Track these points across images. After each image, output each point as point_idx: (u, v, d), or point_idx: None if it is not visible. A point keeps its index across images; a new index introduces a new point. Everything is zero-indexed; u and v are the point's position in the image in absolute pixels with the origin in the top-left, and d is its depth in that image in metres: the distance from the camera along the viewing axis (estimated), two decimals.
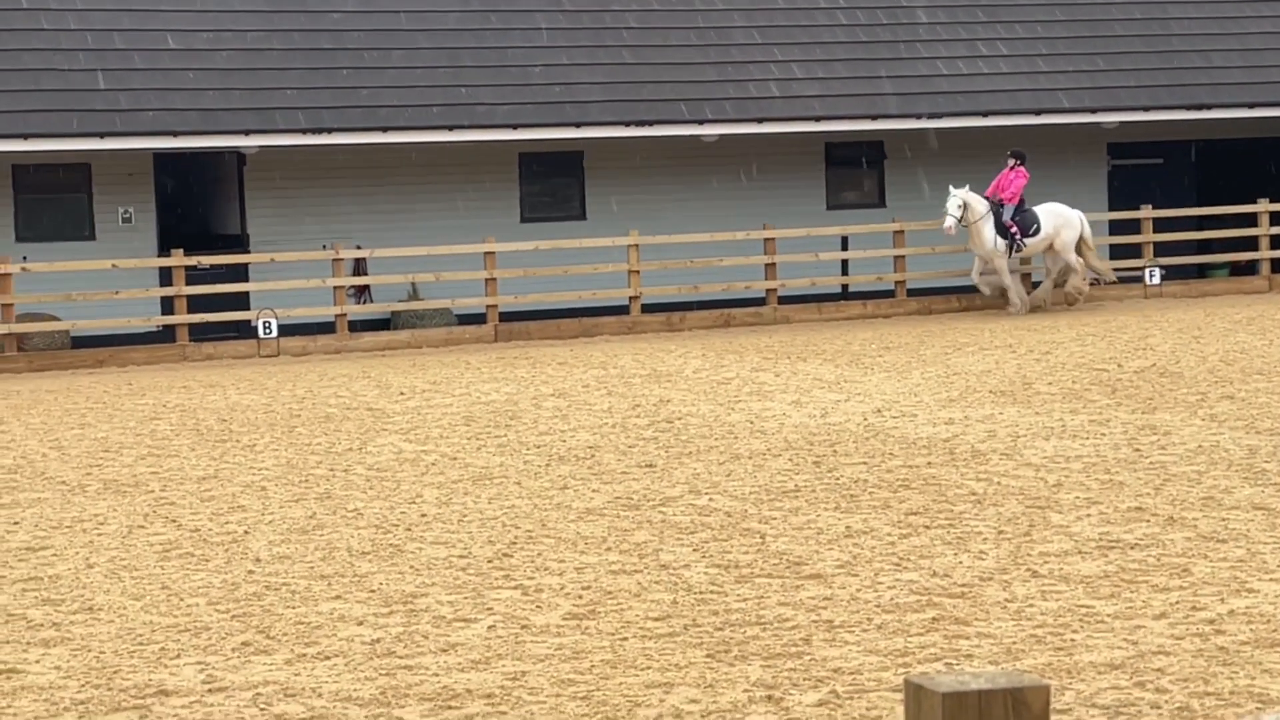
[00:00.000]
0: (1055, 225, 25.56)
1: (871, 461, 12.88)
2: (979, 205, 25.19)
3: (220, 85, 24.53)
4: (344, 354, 23.66)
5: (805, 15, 28.01)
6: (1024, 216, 25.45)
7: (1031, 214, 25.54)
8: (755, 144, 27.48)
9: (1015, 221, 25.33)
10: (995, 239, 25.22)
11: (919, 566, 9.43)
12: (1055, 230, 25.57)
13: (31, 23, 24.36)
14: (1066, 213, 25.81)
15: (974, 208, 25.14)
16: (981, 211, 25.16)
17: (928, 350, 20.83)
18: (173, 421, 16.55)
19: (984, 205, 25.21)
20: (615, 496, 11.82)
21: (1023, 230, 25.37)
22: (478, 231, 25.70)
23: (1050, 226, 25.53)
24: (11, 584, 9.76)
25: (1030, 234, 25.42)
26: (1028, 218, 25.47)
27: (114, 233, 24.98)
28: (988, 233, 25.20)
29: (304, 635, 8.41)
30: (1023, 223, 25.41)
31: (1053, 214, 25.70)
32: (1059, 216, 25.69)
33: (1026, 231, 25.39)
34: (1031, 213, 25.55)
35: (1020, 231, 25.34)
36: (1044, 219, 25.54)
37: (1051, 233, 25.56)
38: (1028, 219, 25.47)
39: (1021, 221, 25.40)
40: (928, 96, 27.53)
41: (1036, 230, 25.47)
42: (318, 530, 11.01)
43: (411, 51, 25.73)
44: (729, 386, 17.89)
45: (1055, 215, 25.69)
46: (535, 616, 8.63)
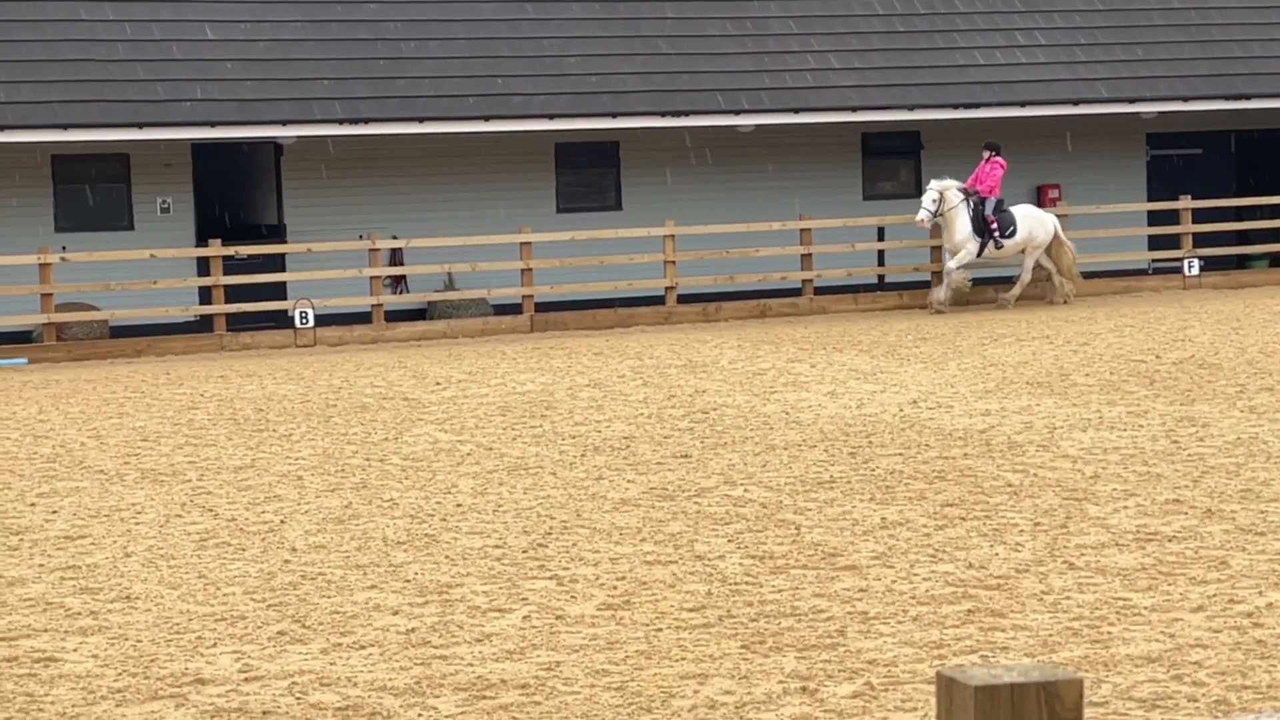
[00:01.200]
0: (1030, 228, 25.24)
1: (907, 453, 12.85)
2: (954, 196, 24.89)
3: (258, 76, 24.60)
4: (380, 344, 23.72)
5: (842, 5, 27.93)
6: (1002, 217, 25.14)
7: (1009, 215, 25.24)
8: (791, 134, 27.43)
9: (996, 219, 25.04)
10: (970, 231, 24.89)
11: (955, 558, 9.41)
12: (1030, 233, 25.25)
13: (70, 14, 24.48)
14: (1041, 215, 25.50)
15: (949, 198, 24.85)
16: (955, 201, 24.87)
17: (964, 341, 20.76)
18: (210, 411, 16.62)
19: (959, 196, 24.91)
20: (650, 487, 11.82)
21: (1000, 230, 25.07)
22: (513, 222, 25.73)
23: (1025, 230, 25.20)
24: (50, 572, 9.82)
25: (1007, 235, 25.12)
26: (1005, 218, 25.16)
27: (152, 223, 25.09)
28: (962, 224, 24.87)
29: (339, 625, 8.44)
30: (1001, 223, 25.11)
31: (1028, 217, 25.38)
32: (1033, 219, 25.39)
33: (1004, 232, 25.10)
34: (1009, 213, 25.25)
35: (999, 230, 25.06)
36: (1020, 221, 25.22)
37: (1026, 236, 25.24)
38: (1005, 219, 25.15)
39: (1000, 221, 25.11)
40: (964, 86, 27.42)
41: (1013, 232, 25.15)
42: (353, 520, 11.04)
43: (448, 42, 25.76)
44: (764, 377, 17.86)
45: (1030, 218, 25.38)
46: (570, 607, 8.64)
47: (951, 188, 24.94)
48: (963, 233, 24.93)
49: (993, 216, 25.00)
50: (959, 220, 24.92)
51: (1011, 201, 28.57)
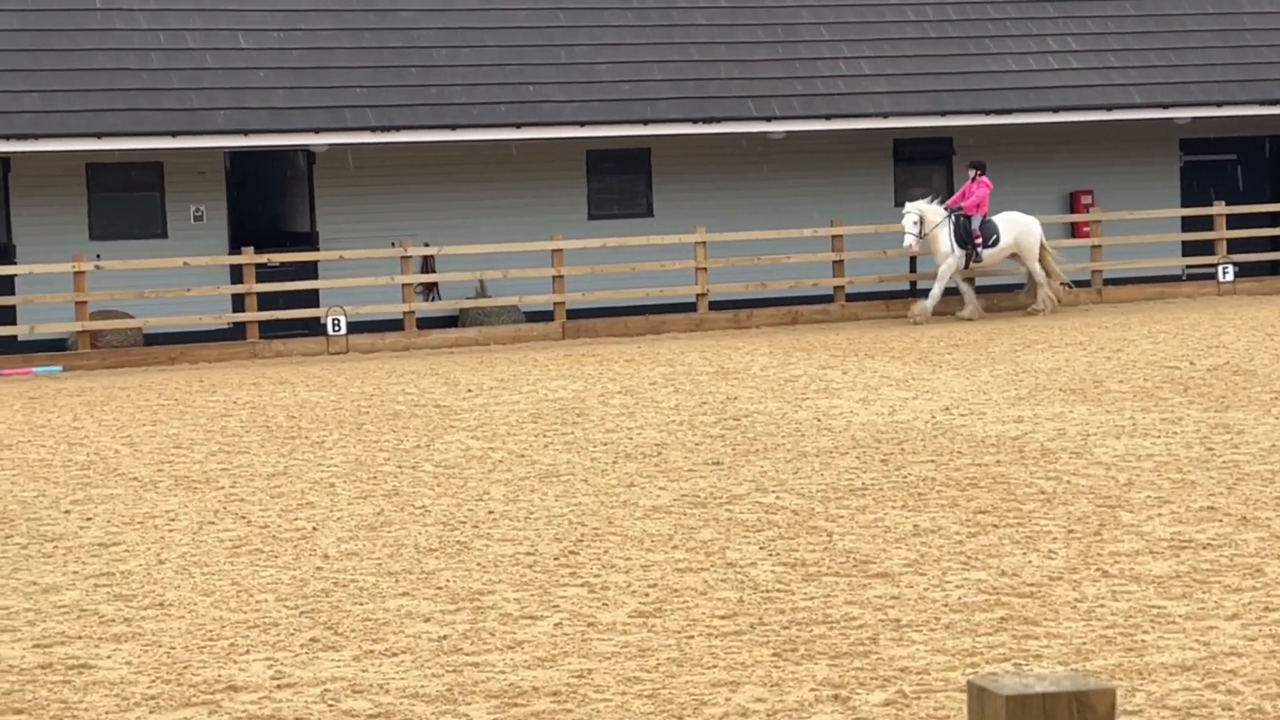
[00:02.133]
0: (1015, 234, 25.02)
1: (939, 460, 12.81)
2: (934, 214, 24.70)
3: (291, 84, 24.70)
4: (412, 351, 23.77)
5: (874, 11, 27.89)
6: (984, 226, 24.97)
7: (991, 224, 25.06)
8: (823, 140, 27.40)
9: (979, 231, 24.87)
10: (952, 245, 24.70)
11: (987, 565, 9.38)
12: (1015, 239, 25.04)
13: (105, 23, 24.60)
14: (1025, 220, 25.25)
15: (929, 218, 24.66)
16: (936, 220, 24.67)
17: (997, 348, 20.70)
18: (243, 418, 16.67)
19: (939, 213, 24.71)
20: (682, 494, 11.82)
21: (985, 241, 24.91)
22: (545, 229, 25.76)
23: (1010, 236, 24.99)
24: (84, 580, 9.87)
25: (990, 244, 24.91)
26: (987, 227, 24.99)
27: (186, 230, 25.20)
28: (943, 238, 24.70)
29: (371, 632, 8.45)
30: (984, 232, 24.94)
31: (1012, 222, 25.16)
32: (1018, 224, 25.15)
33: (986, 242, 24.90)
34: (991, 222, 25.07)
35: (983, 241, 24.87)
36: (1003, 228, 25.01)
37: (1011, 243, 25.02)
38: (987, 229, 24.98)
39: (981, 231, 24.93)
40: (997, 92, 27.36)
41: (996, 240, 24.95)
42: (385, 527, 11.06)
43: (479, 50, 25.81)
44: (796, 384, 17.84)
45: (1014, 223, 25.16)
46: (602, 614, 8.64)
47: (928, 209, 24.63)
48: (945, 247, 24.73)
49: (978, 231, 24.83)
50: (941, 236, 24.72)
51: (1046, 209, 28.51)
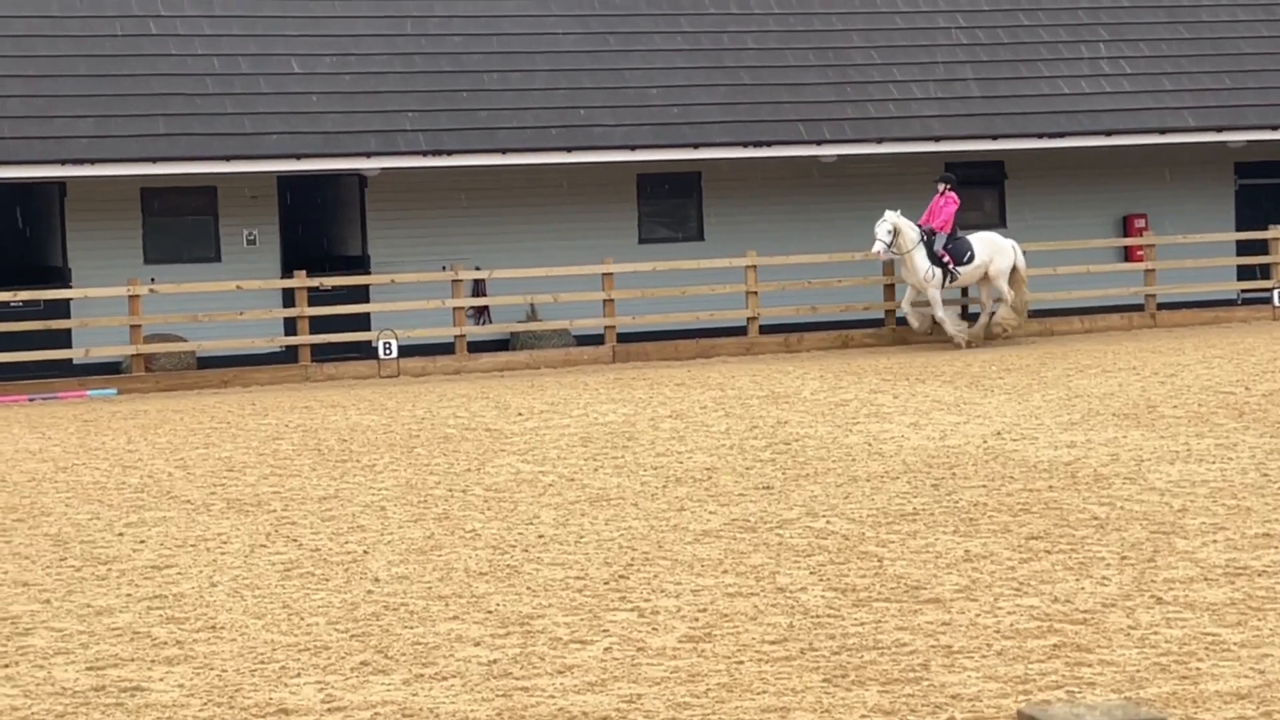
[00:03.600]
0: (989, 253, 24.73)
1: (991, 485, 12.74)
2: (911, 233, 24.38)
3: (343, 108, 24.84)
4: (463, 375, 23.82)
5: (925, 35, 27.84)
6: (956, 244, 24.61)
7: (964, 242, 24.71)
8: (874, 164, 27.34)
9: (948, 250, 24.53)
10: (929, 268, 24.43)
11: (1040, 592, 9.31)
12: (989, 258, 24.73)
13: (160, 48, 24.82)
14: (1000, 241, 24.96)
15: (906, 235, 24.33)
16: (914, 239, 24.37)
17: (1049, 372, 20.59)
18: (294, 441, 16.74)
19: (917, 233, 24.42)
20: (732, 518, 11.79)
21: (955, 259, 24.56)
22: (595, 253, 25.79)
23: (984, 255, 24.70)
24: (137, 602, 9.92)
25: (964, 262, 24.59)
26: (960, 245, 24.64)
27: (239, 254, 25.36)
28: (920, 261, 24.40)
29: (422, 655, 8.46)
30: (955, 251, 24.58)
31: (986, 242, 24.86)
32: (992, 245, 24.85)
33: (960, 260, 24.58)
34: (964, 240, 24.73)
35: (953, 260, 24.55)
36: (977, 247, 24.70)
37: (985, 260, 24.72)
38: (960, 247, 24.63)
39: (954, 249, 24.58)
40: (1049, 116, 27.25)
41: (970, 258, 24.63)
42: (436, 551, 11.08)
43: (530, 74, 25.90)
44: (847, 408, 17.79)
45: (989, 243, 24.86)
46: (651, 639, 8.62)
47: (906, 228, 24.27)
48: (922, 269, 24.43)
49: (944, 250, 24.47)
50: (918, 257, 24.42)
51: (1099, 233, 28.36)
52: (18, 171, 23.51)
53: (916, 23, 27.98)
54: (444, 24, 26.17)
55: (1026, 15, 28.46)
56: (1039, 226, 27.99)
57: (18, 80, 24.01)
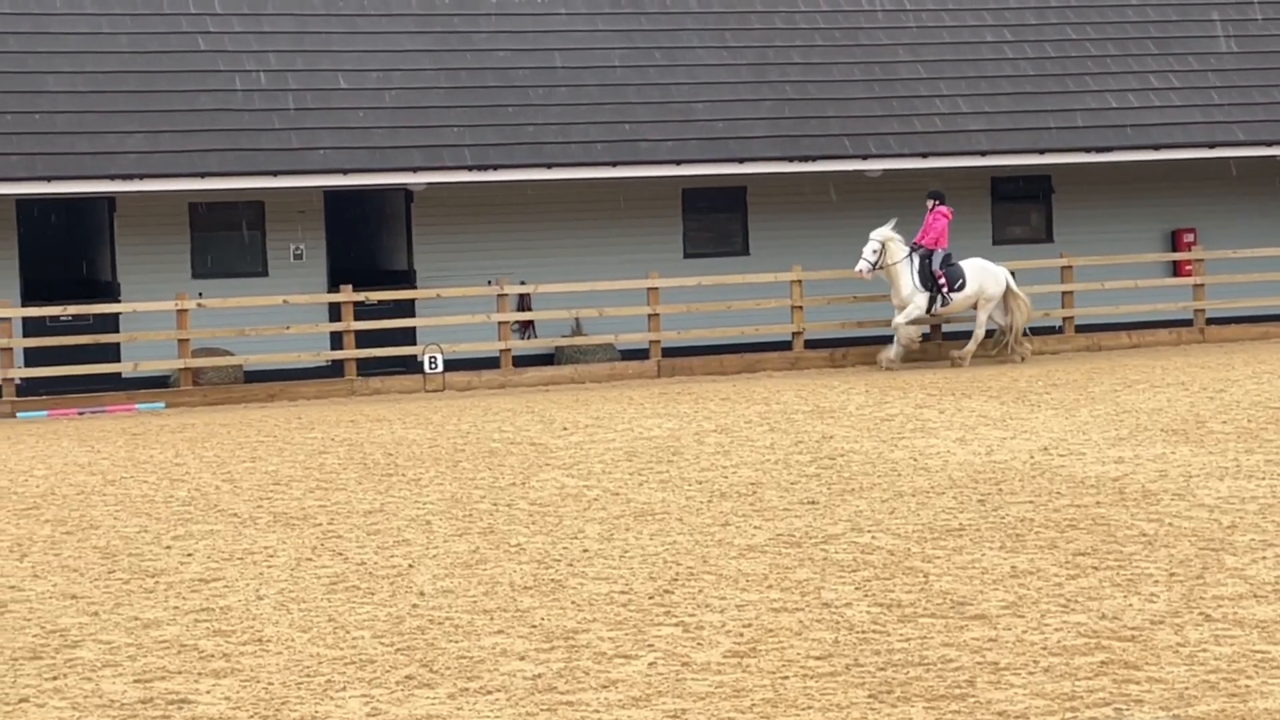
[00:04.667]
0: (980, 282, 24.40)
1: (1038, 500, 12.68)
2: (898, 249, 24.13)
3: (389, 124, 24.95)
4: (508, 389, 23.87)
5: (971, 49, 27.78)
6: (950, 271, 24.31)
7: (958, 268, 24.38)
8: (920, 178, 27.28)
9: (944, 272, 24.23)
10: (916, 285, 24.09)
11: (1087, 608, 9.26)
12: (980, 287, 24.40)
13: (209, 64, 24.99)
14: (992, 268, 24.60)
15: (892, 251, 24.08)
16: (899, 255, 24.11)
17: (1096, 387, 20.48)
18: (340, 455, 16.80)
19: (904, 249, 24.17)
20: (777, 533, 11.77)
21: (949, 284, 24.27)
22: (641, 267, 25.81)
23: (975, 284, 24.36)
24: (184, 615, 9.97)
25: (956, 288, 24.27)
26: (954, 272, 24.32)
27: (285, 269, 25.50)
28: (905, 277, 24.10)
29: (466, 669, 8.47)
30: (949, 276, 24.29)
31: (978, 269, 24.51)
32: (984, 272, 24.50)
33: (952, 286, 24.26)
34: (958, 267, 24.40)
35: (947, 285, 24.24)
36: (969, 274, 24.37)
37: (976, 290, 24.40)
38: (954, 273, 24.32)
39: (948, 275, 24.29)
40: (1096, 130, 27.14)
41: (961, 285, 24.30)
42: (481, 565, 11.10)
43: (576, 89, 25.96)
44: (892, 423, 17.74)
45: (981, 270, 24.50)
46: (696, 654, 8.61)
47: (894, 239, 24.07)
48: (908, 287, 24.13)
49: (940, 271, 24.17)
50: (903, 275, 24.13)
51: (1148, 248, 28.21)
52: (68, 186, 23.71)
53: (963, 37, 27.92)
54: (490, 39, 26.27)
55: (1074, 29, 28.36)
56: (1087, 241, 27.86)
57: (69, 96, 24.21)
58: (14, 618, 10.03)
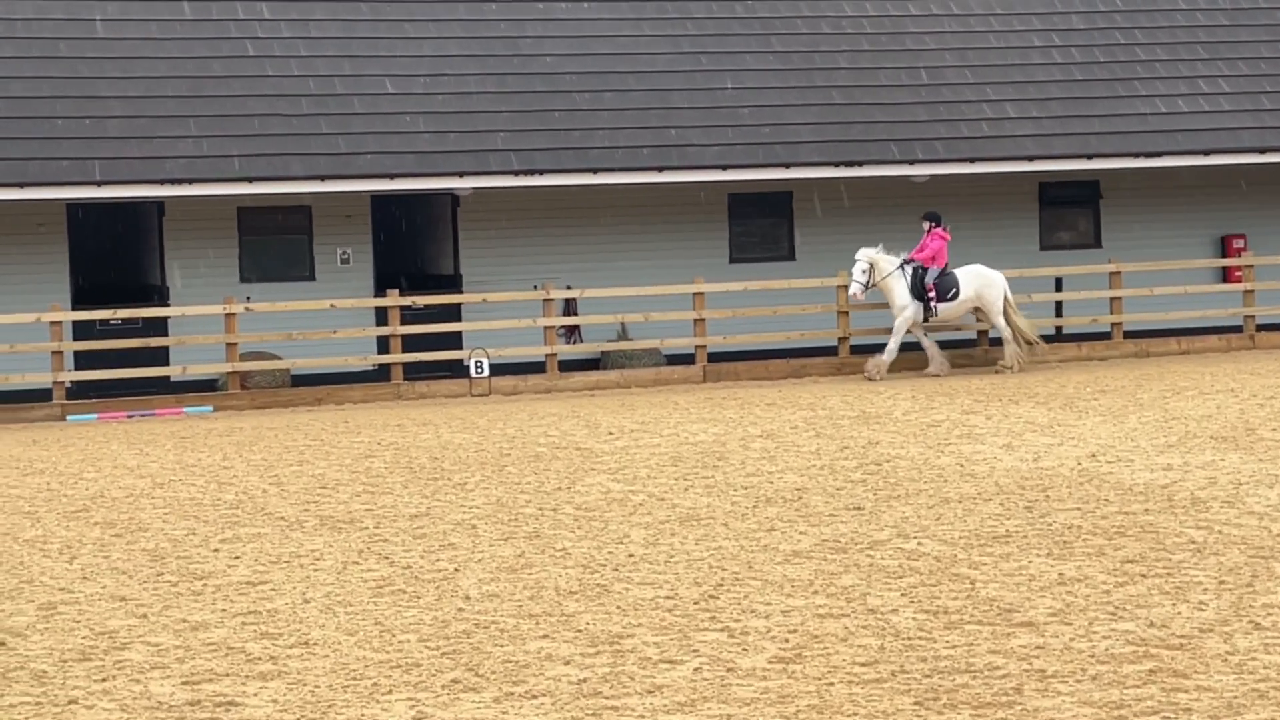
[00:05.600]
0: (976, 288, 24.13)
1: (1086, 507, 12.62)
2: (886, 264, 23.91)
3: (436, 128, 25.03)
4: (554, 393, 23.90)
5: (1019, 54, 27.67)
6: (943, 280, 24.09)
7: (951, 277, 24.15)
8: (967, 184, 27.19)
9: (935, 285, 24.00)
10: (908, 298, 23.90)
11: (1135, 616, 9.21)
12: (976, 293, 24.15)
13: (257, 69, 25.13)
14: (988, 274, 24.30)
15: (881, 267, 23.88)
16: (888, 269, 23.88)
17: (1145, 394, 20.36)
18: (387, 459, 16.86)
19: (892, 263, 23.94)
20: (822, 539, 11.75)
21: (940, 294, 24.02)
22: (686, 272, 25.81)
23: (970, 289, 24.12)
24: (232, 617, 10.01)
25: (948, 298, 24.00)
26: (947, 281, 24.10)
27: (332, 273, 25.60)
28: (898, 289, 23.91)
29: (512, 674, 8.48)
30: (941, 286, 24.05)
31: (973, 276, 24.25)
32: (980, 278, 24.22)
33: (943, 296, 24.01)
34: (951, 275, 24.17)
35: (937, 296, 23.99)
36: (963, 281, 24.13)
37: (973, 295, 24.14)
38: (947, 282, 24.09)
39: (940, 285, 24.05)
40: (1145, 135, 26.98)
41: (954, 294, 24.05)
42: (526, 569, 11.11)
43: (622, 93, 25.98)
44: (939, 429, 17.68)
45: (976, 277, 24.24)
46: (741, 659, 8.60)
47: (880, 256, 23.86)
48: (902, 299, 23.96)
49: (932, 284, 23.96)
50: (896, 287, 23.94)
51: (1197, 254, 28.02)
52: (118, 191, 23.87)
53: (1011, 42, 27.81)
54: (536, 44, 26.32)
55: (1123, 34, 28.22)
56: (1135, 247, 27.71)
57: (119, 101, 24.39)
58: (63, 619, 10.10)
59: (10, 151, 23.61)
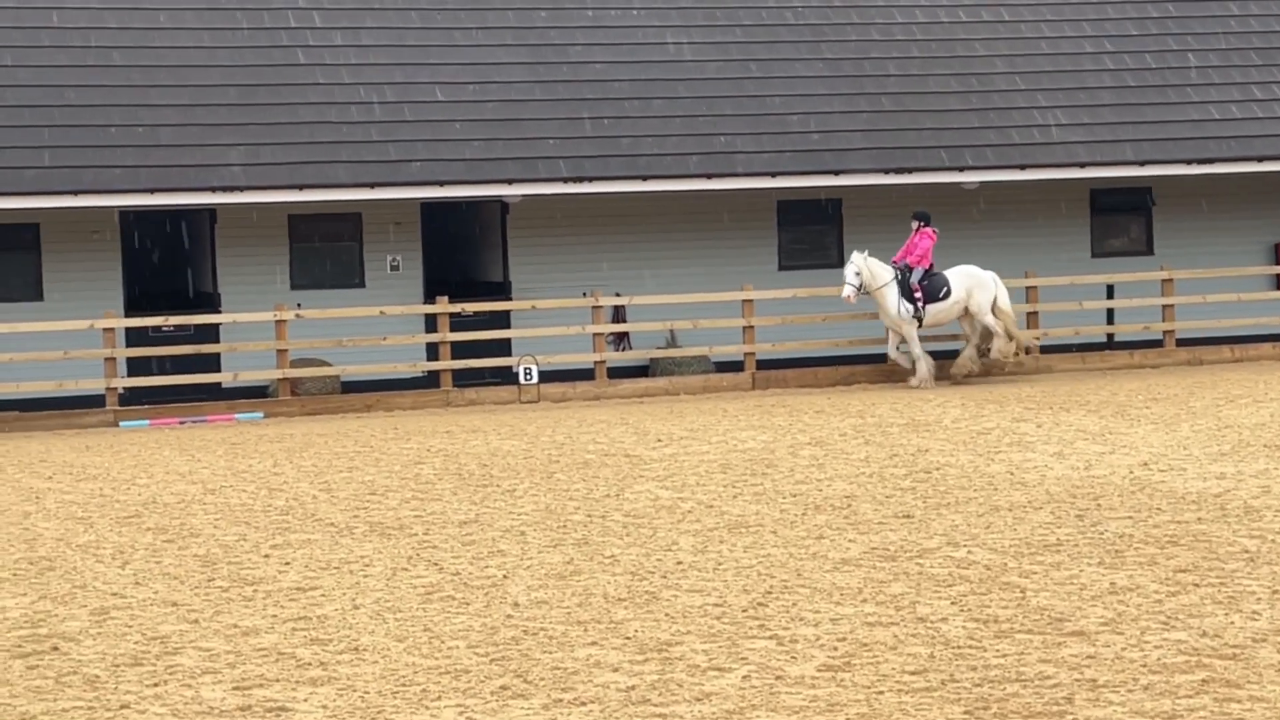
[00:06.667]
0: (967, 288, 23.79)
1: (1138, 516, 12.54)
2: (882, 272, 23.59)
3: (485, 136, 25.10)
4: (603, 400, 23.92)
5: (1070, 60, 27.54)
6: (932, 281, 23.76)
7: (941, 278, 23.81)
8: (1017, 190, 27.08)
9: (922, 285, 23.67)
10: (901, 306, 23.57)
11: (1188, 626, 9.14)
12: (967, 293, 23.80)
13: (308, 77, 25.26)
14: (979, 274, 23.98)
15: (875, 274, 23.55)
16: (885, 278, 23.56)
17: (1198, 402, 20.22)
18: (436, 466, 16.90)
19: (888, 272, 23.61)
20: (871, 547, 11.71)
21: (929, 295, 23.66)
22: (735, 279, 25.79)
23: (961, 290, 23.77)
24: (282, 623, 10.06)
25: (939, 298, 23.67)
26: (936, 282, 23.76)
27: (382, 280, 25.70)
28: (891, 299, 23.57)
29: (560, 680, 8.49)
30: (930, 287, 23.70)
31: (964, 276, 23.94)
32: (971, 278, 23.89)
33: (934, 296, 23.67)
34: (941, 276, 23.83)
35: (925, 297, 23.65)
36: (954, 282, 23.80)
37: (963, 296, 23.79)
38: (936, 283, 23.75)
39: (929, 286, 23.70)
40: (1198, 141, 26.81)
41: (946, 294, 23.71)
42: (575, 576, 11.12)
43: (671, 101, 25.99)
44: (989, 437, 17.60)
45: (967, 277, 23.91)
46: (790, 667, 8.58)
47: (874, 262, 23.51)
48: (893, 308, 23.59)
49: (918, 285, 23.65)
50: (889, 296, 23.62)
51: (1250, 260, 27.82)
52: (171, 198, 24.03)
53: (1062, 48, 27.68)
54: (585, 52, 26.36)
55: (1175, 40, 28.05)
56: (1188, 254, 27.52)
57: (172, 109, 24.56)
58: (116, 624, 10.17)
59: (65, 159, 23.81)
